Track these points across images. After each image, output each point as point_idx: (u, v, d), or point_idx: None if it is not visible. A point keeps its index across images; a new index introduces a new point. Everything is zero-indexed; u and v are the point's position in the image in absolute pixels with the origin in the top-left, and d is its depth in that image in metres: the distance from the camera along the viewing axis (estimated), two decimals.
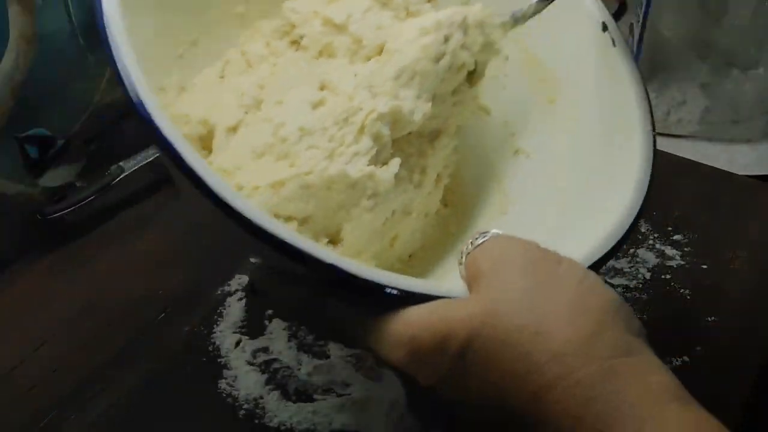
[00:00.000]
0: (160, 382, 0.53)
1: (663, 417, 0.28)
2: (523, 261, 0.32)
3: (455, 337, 0.31)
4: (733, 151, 0.78)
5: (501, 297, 0.31)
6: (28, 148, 0.61)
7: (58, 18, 0.60)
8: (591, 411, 0.28)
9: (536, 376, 0.29)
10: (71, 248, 0.63)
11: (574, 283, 0.32)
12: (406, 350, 0.32)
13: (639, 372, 0.29)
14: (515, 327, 0.30)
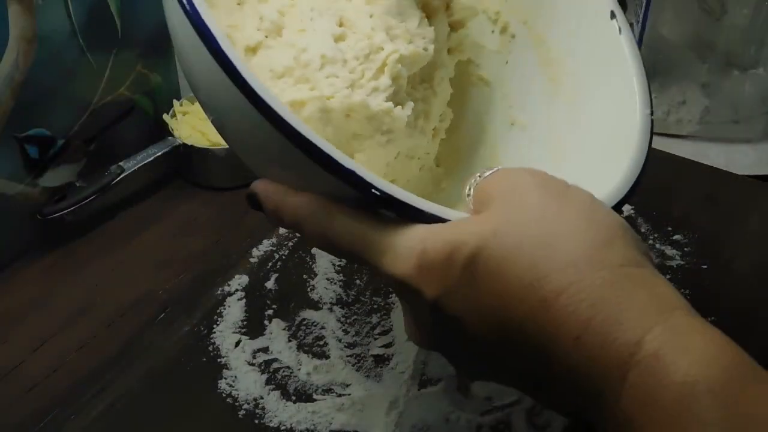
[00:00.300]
0: (160, 382, 0.53)
1: (671, 322, 0.28)
2: (534, 183, 0.33)
3: (465, 246, 0.31)
4: (733, 151, 0.78)
5: (512, 213, 0.31)
6: (28, 148, 0.61)
7: (58, 18, 0.60)
8: (600, 313, 0.28)
9: (545, 282, 0.29)
10: (71, 248, 0.63)
11: (584, 202, 0.32)
12: (413, 261, 0.32)
13: (648, 282, 0.29)
14: (526, 238, 0.30)
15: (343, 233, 0.35)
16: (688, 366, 0.27)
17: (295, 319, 0.57)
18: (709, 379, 0.26)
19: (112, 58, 0.66)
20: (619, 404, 0.28)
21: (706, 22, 0.75)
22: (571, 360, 0.29)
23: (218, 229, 0.65)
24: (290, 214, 0.37)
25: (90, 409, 0.51)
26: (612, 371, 0.28)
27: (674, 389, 0.26)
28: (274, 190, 0.38)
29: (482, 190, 0.34)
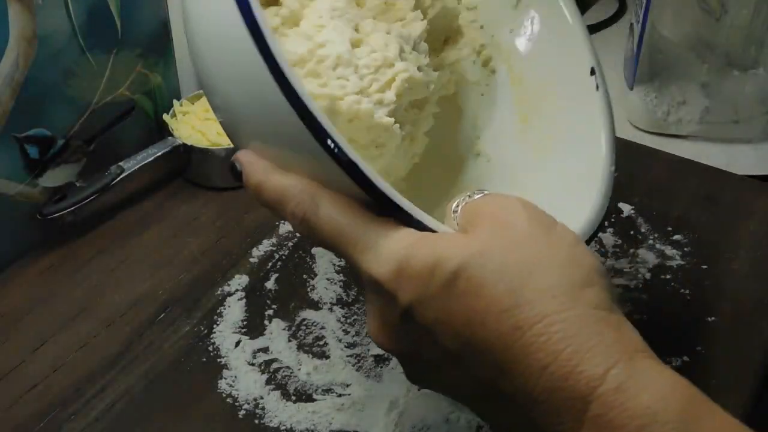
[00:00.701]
0: (160, 382, 0.53)
1: (633, 361, 0.30)
2: (524, 212, 0.34)
3: (450, 261, 0.32)
4: (733, 151, 0.78)
5: (499, 236, 0.33)
6: (28, 148, 0.61)
7: (58, 18, 0.60)
8: (570, 346, 0.30)
9: (522, 309, 0.31)
10: (71, 248, 0.63)
11: (570, 239, 0.34)
12: (394, 266, 0.33)
13: (616, 325, 0.31)
14: (509, 263, 0.32)
15: (326, 222, 0.36)
16: (648, 400, 0.28)
17: (295, 319, 0.57)
18: (667, 413, 0.28)
19: (112, 58, 0.66)
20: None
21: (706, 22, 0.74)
22: (535, 387, 0.30)
23: (218, 229, 0.65)
24: (274, 192, 0.37)
25: (90, 409, 0.51)
26: (575, 402, 0.29)
27: (635, 421, 0.28)
28: (260, 165, 0.38)
29: (471, 210, 0.35)
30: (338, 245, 0.36)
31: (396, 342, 0.36)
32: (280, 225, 0.65)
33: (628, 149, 0.73)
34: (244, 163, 0.38)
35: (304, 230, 0.36)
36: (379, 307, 0.35)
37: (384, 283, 0.34)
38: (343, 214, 0.35)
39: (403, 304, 0.33)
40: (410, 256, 0.33)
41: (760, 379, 0.53)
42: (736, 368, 0.53)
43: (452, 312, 0.32)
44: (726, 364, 0.53)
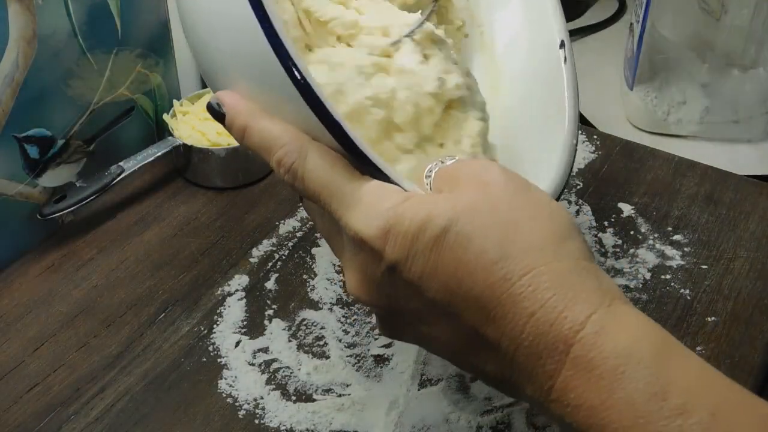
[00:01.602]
0: (160, 382, 0.53)
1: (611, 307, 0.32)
2: (500, 173, 0.36)
3: (438, 219, 0.33)
4: (733, 151, 0.78)
5: (482, 195, 0.34)
6: (28, 148, 0.61)
7: (58, 18, 0.60)
8: (555, 295, 0.32)
9: (511, 262, 0.33)
10: (71, 248, 0.63)
11: (544, 197, 0.36)
12: (382, 224, 0.34)
13: (595, 274, 0.33)
14: (495, 220, 0.33)
15: (313, 173, 0.36)
16: (624, 341, 0.31)
17: (295, 319, 0.57)
18: (641, 353, 0.31)
19: (112, 58, 0.66)
20: (559, 375, 0.31)
21: (706, 22, 0.74)
22: (521, 333, 0.32)
23: (218, 229, 0.65)
24: (261, 137, 0.38)
25: (90, 409, 0.51)
26: (558, 344, 0.31)
27: (611, 360, 0.31)
28: (247, 108, 0.38)
29: (446, 173, 0.37)
30: (323, 198, 0.36)
31: (377, 295, 0.37)
32: (280, 225, 0.65)
33: (628, 149, 0.73)
34: (228, 104, 0.39)
35: (290, 179, 0.37)
36: (361, 263, 0.36)
37: (370, 240, 0.35)
38: (331, 168, 0.36)
39: (390, 260, 0.34)
40: (399, 215, 0.34)
41: (760, 380, 0.53)
42: (736, 368, 0.53)
43: (439, 265, 0.34)
44: (726, 364, 0.53)
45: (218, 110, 0.39)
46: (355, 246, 0.36)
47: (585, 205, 0.66)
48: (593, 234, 0.63)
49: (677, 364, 0.31)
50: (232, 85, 0.39)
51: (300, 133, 0.37)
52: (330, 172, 0.36)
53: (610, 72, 0.88)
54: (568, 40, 0.51)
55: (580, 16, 0.98)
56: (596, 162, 0.71)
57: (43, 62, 0.60)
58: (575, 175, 0.70)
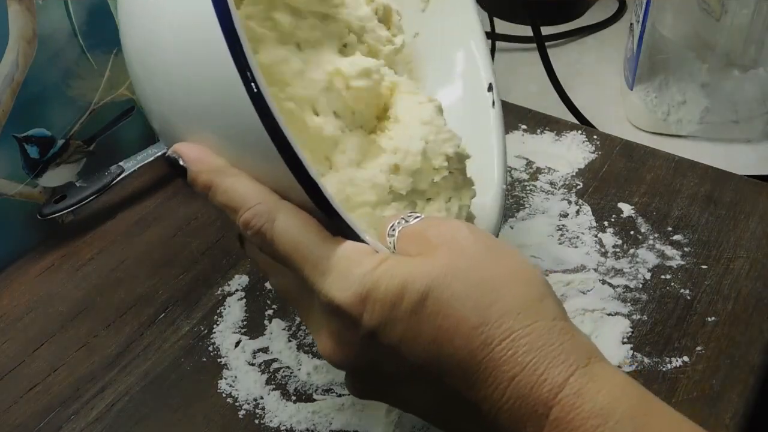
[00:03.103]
0: (160, 382, 0.53)
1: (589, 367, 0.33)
2: (470, 233, 0.36)
3: (417, 284, 0.34)
4: (733, 151, 0.78)
5: (457, 260, 0.35)
6: (28, 148, 0.61)
7: (58, 18, 0.60)
8: (534, 357, 0.33)
9: (490, 326, 0.33)
10: (71, 248, 0.63)
11: (516, 258, 0.36)
12: (359, 291, 0.34)
13: (571, 333, 0.34)
14: (473, 284, 0.34)
15: (285, 236, 0.35)
16: (602, 401, 0.32)
17: (295, 319, 0.57)
18: (618, 411, 0.31)
19: (112, 58, 0.66)
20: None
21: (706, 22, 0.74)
22: (502, 397, 0.33)
23: (218, 229, 0.65)
24: (227, 196, 0.36)
25: (90, 409, 0.51)
26: (538, 407, 0.32)
27: (590, 420, 0.31)
28: (210, 164, 0.36)
29: (413, 233, 0.37)
30: (294, 262, 0.36)
31: (353, 359, 0.37)
32: None
33: (628, 149, 0.73)
34: (190, 159, 0.37)
35: (258, 241, 0.36)
36: (336, 329, 0.36)
37: (346, 307, 0.34)
38: (302, 230, 0.35)
39: (368, 327, 0.34)
40: (375, 281, 0.34)
41: (760, 379, 0.53)
42: (736, 368, 0.53)
43: (419, 331, 0.34)
44: (726, 364, 0.53)
45: (179, 165, 0.37)
46: (329, 311, 0.36)
47: (585, 205, 0.66)
48: (593, 234, 0.63)
49: (655, 421, 0.32)
50: (191, 135, 0.37)
51: (269, 193, 0.36)
52: (301, 234, 0.35)
53: (610, 72, 0.88)
54: (495, 84, 0.52)
55: (580, 16, 0.98)
56: (596, 162, 0.71)
57: (43, 62, 0.60)
58: (575, 175, 0.70)
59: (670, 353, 0.54)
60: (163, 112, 0.38)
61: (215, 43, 0.32)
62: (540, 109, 0.77)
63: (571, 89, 0.80)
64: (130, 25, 0.38)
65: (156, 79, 0.37)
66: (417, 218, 0.38)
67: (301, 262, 0.35)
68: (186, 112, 0.36)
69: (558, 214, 0.65)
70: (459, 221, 0.38)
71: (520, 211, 0.66)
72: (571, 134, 0.74)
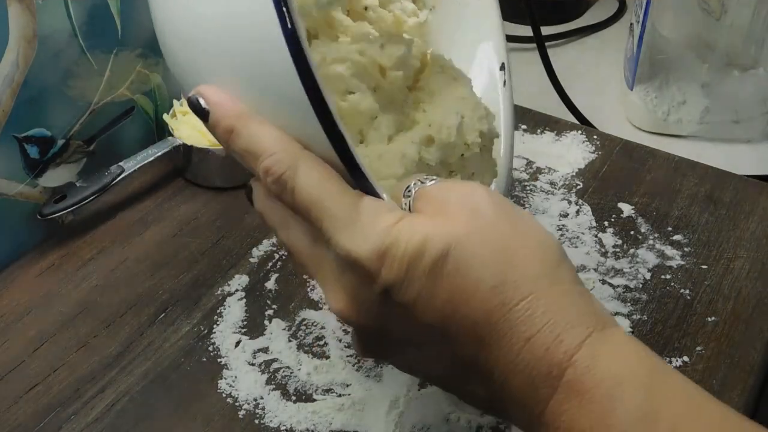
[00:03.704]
0: (160, 382, 0.53)
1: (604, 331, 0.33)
2: (489, 197, 0.36)
3: (437, 243, 0.33)
4: (733, 151, 0.78)
5: (476, 221, 0.34)
6: (28, 148, 0.61)
7: (58, 18, 0.60)
8: (551, 320, 0.32)
9: (508, 288, 0.33)
10: (71, 248, 0.63)
11: (533, 221, 0.36)
12: (378, 246, 0.33)
13: (586, 298, 0.34)
14: (491, 246, 0.34)
15: (306, 187, 0.35)
16: (615, 366, 0.32)
17: (295, 319, 0.57)
18: (632, 376, 0.31)
19: (112, 58, 0.66)
20: (551, 399, 0.32)
21: (706, 22, 0.74)
22: (516, 357, 0.33)
23: (218, 229, 0.65)
24: (249, 141, 0.35)
25: (90, 409, 0.51)
26: (552, 369, 0.32)
27: (604, 384, 0.31)
28: (232, 107, 0.36)
29: (430, 195, 0.36)
30: (313, 213, 0.35)
31: (365, 316, 0.36)
32: None
33: (628, 149, 0.73)
34: (214, 101, 0.36)
35: (278, 189, 0.35)
36: (351, 283, 0.35)
37: (365, 261, 0.34)
38: (323, 182, 0.35)
39: (385, 282, 0.34)
40: (395, 237, 0.34)
41: (760, 379, 0.53)
42: (736, 368, 0.53)
43: (435, 290, 0.33)
44: (726, 364, 0.53)
45: (201, 107, 0.36)
46: (344, 265, 0.35)
47: (585, 205, 0.66)
48: (593, 234, 0.63)
49: (667, 388, 0.32)
50: (215, 79, 0.36)
51: (292, 142, 0.35)
52: (323, 186, 0.35)
53: (610, 72, 0.88)
54: (508, 63, 0.52)
55: (580, 16, 0.98)
56: (596, 162, 0.71)
57: (43, 62, 0.60)
58: (575, 175, 0.70)
59: (670, 353, 0.54)
60: (186, 51, 0.37)
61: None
62: (540, 109, 0.77)
63: (571, 89, 0.80)
64: None
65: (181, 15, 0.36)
66: (433, 181, 0.37)
67: (321, 214, 0.35)
68: (212, 52, 0.35)
69: (558, 214, 0.65)
70: (475, 183, 0.37)
71: None
72: (571, 134, 0.74)
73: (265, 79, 0.34)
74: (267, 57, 0.33)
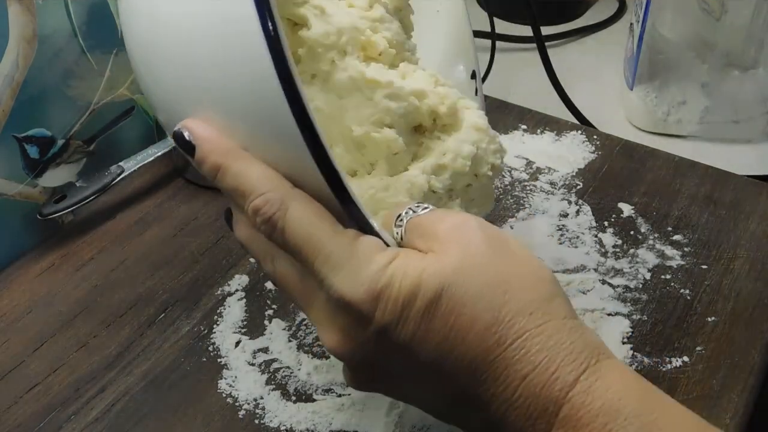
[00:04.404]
0: (160, 382, 0.53)
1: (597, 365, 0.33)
2: (479, 229, 0.36)
3: (431, 283, 0.34)
4: (733, 151, 0.78)
5: (468, 257, 0.34)
6: (28, 148, 0.61)
7: (58, 18, 0.60)
8: (546, 357, 0.33)
9: (504, 325, 0.33)
10: (71, 248, 0.63)
11: (527, 255, 0.36)
12: (372, 288, 0.34)
13: (580, 332, 0.34)
14: (486, 283, 0.34)
15: (297, 226, 0.34)
16: (610, 399, 0.32)
17: (295, 319, 0.57)
18: (626, 407, 0.32)
19: (112, 58, 0.66)
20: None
21: (706, 22, 0.74)
22: (513, 394, 0.33)
23: (218, 229, 0.65)
24: (237, 181, 0.35)
25: (90, 409, 0.51)
26: (549, 405, 0.32)
27: (600, 418, 0.32)
28: (224, 145, 0.35)
29: (421, 226, 0.36)
30: (304, 253, 0.35)
31: (361, 355, 0.36)
32: None
33: (628, 149, 0.73)
34: (200, 137, 0.35)
35: (268, 230, 0.35)
36: (346, 324, 0.35)
37: (358, 304, 0.34)
38: (314, 222, 0.34)
39: (381, 324, 0.34)
40: (389, 278, 0.34)
41: (760, 379, 0.53)
42: (736, 368, 0.53)
43: (431, 330, 0.34)
44: (726, 364, 0.53)
45: (187, 141, 0.35)
46: (339, 307, 0.35)
47: (585, 205, 0.66)
48: (593, 234, 0.63)
49: (662, 418, 0.32)
50: (200, 112, 0.35)
51: (281, 180, 0.35)
52: (314, 225, 0.34)
53: (610, 72, 0.88)
54: (479, 71, 0.52)
55: (580, 16, 0.98)
56: (596, 162, 0.71)
57: (43, 62, 0.60)
58: (575, 175, 0.70)
59: (670, 353, 0.54)
60: (165, 86, 0.36)
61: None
62: (540, 109, 0.77)
63: (571, 89, 0.80)
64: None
65: (163, 50, 0.35)
66: (426, 209, 0.37)
67: (313, 254, 0.34)
68: (198, 85, 0.34)
69: (558, 214, 0.65)
70: (467, 215, 0.37)
71: (520, 211, 0.66)
72: (571, 134, 0.74)
73: (254, 113, 0.33)
74: (256, 89, 0.32)
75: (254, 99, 0.32)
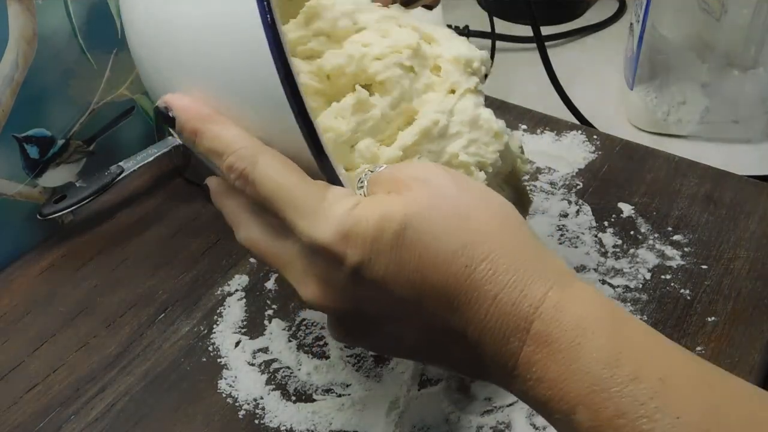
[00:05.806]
0: (160, 382, 0.53)
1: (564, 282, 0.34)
2: (441, 170, 0.37)
3: (396, 217, 0.35)
4: (733, 151, 0.78)
5: (432, 193, 0.36)
6: (28, 148, 0.61)
7: (58, 18, 0.60)
8: (514, 276, 0.34)
9: (469, 249, 0.34)
10: (71, 248, 0.63)
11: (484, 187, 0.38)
12: (339, 229, 0.35)
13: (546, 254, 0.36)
14: (450, 211, 0.35)
15: (266, 177, 0.36)
16: (579, 314, 0.33)
17: (295, 319, 0.57)
18: (595, 323, 0.33)
19: (112, 58, 0.66)
20: (521, 351, 0.33)
21: (706, 22, 0.74)
22: (486, 315, 0.34)
23: (218, 229, 0.65)
24: (212, 142, 0.38)
25: (90, 409, 0.51)
26: (520, 323, 0.33)
27: (569, 332, 0.32)
28: (198, 112, 0.38)
29: (382, 178, 0.38)
30: (275, 203, 0.36)
31: (340, 300, 0.37)
32: None
33: (628, 149, 0.73)
34: (178, 107, 0.38)
35: (241, 184, 0.37)
36: (320, 270, 0.36)
37: (329, 245, 0.35)
38: (283, 173, 0.36)
39: (353, 263, 0.35)
40: (355, 217, 0.35)
41: (760, 380, 0.53)
42: (736, 368, 0.53)
43: (402, 262, 0.35)
44: (726, 364, 0.53)
45: (167, 115, 0.39)
46: (311, 254, 0.36)
47: (585, 205, 0.66)
48: (593, 234, 0.63)
49: (628, 333, 0.33)
50: (180, 84, 0.38)
51: (252, 139, 0.37)
52: (282, 176, 0.36)
53: (610, 72, 0.88)
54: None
55: (580, 16, 0.98)
56: (596, 162, 0.71)
57: (43, 62, 0.60)
58: (575, 175, 0.70)
59: None
60: (154, 61, 0.39)
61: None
62: (540, 109, 0.77)
63: (571, 89, 0.80)
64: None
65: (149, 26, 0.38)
66: (382, 167, 0.39)
67: (283, 204, 0.36)
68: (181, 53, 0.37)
69: (558, 214, 0.65)
70: (431, 163, 0.38)
71: None
72: (571, 134, 0.74)
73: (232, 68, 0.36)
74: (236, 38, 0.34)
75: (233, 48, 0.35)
